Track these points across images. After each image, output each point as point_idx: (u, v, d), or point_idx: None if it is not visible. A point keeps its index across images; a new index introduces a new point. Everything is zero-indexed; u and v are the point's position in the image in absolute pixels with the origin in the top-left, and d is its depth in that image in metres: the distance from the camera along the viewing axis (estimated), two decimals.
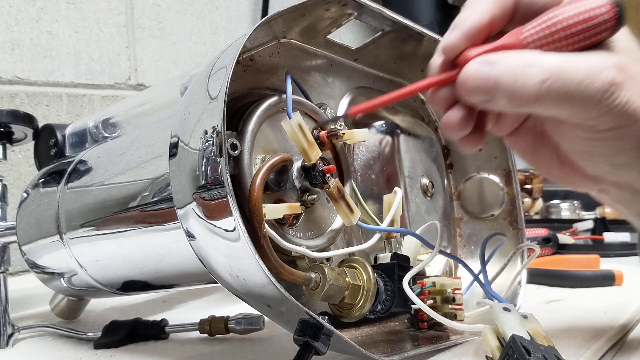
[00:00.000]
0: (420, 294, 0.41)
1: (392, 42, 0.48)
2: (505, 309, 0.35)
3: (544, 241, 0.79)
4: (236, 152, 0.33)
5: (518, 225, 0.53)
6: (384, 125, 0.49)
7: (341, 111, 0.46)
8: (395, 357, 0.35)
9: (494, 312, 0.35)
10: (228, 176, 0.30)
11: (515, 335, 0.31)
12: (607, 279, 0.61)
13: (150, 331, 0.48)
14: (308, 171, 0.36)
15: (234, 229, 0.30)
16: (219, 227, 0.31)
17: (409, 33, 0.47)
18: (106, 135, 0.56)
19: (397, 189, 0.43)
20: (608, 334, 0.42)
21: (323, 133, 0.39)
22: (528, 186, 1.12)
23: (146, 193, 0.39)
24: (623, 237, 0.86)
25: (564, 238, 0.84)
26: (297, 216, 0.36)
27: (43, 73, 0.95)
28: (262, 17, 0.55)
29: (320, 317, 0.31)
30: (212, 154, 0.31)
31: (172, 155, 0.34)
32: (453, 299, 0.42)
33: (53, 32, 0.96)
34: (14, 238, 0.52)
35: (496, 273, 0.46)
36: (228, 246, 0.31)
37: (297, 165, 0.36)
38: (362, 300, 0.37)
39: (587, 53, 0.31)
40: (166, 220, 0.38)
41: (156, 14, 1.09)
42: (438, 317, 0.38)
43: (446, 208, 0.55)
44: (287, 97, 0.37)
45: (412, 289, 0.39)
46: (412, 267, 0.40)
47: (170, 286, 0.46)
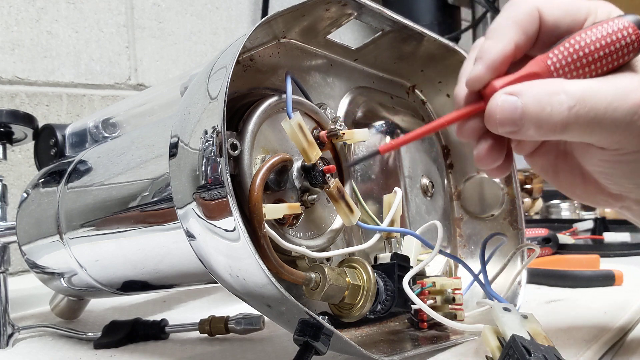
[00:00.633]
0: (420, 294, 0.41)
1: (392, 42, 0.48)
2: (505, 309, 0.35)
3: (544, 241, 0.79)
4: (236, 152, 0.33)
5: (518, 225, 0.53)
6: (384, 125, 0.49)
7: (341, 111, 0.46)
8: (395, 357, 0.35)
9: (494, 312, 0.35)
10: (228, 176, 0.30)
11: (515, 335, 0.31)
12: (607, 279, 0.61)
13: (150, 331, 0.48)
14: (308, 171, 0.36)
15: (234, 229, 0.30)
16: (219, 227, 0.31)
17: (409, 33, 0.47)
18: (106, 135, 0.56)
19: (397, 189, 0.43)
20: (608, 334, 0.41)
21: (323, 133, 0.39)
22: (528, 186, 1.12)
23: (146, 193, 0.39)
24: (623, 237, 0.86)
25: (564, 238, 0.84)
26: (297, 216, 0.36)
27: (43, 73, 0.95)
28: (262, 17, 0.55)
29: (320, 317, 0.31)
30: (212, 154, 0.31)
31: (172, 155, 0.34)
32: (453, 299, 0.42)
33: (53, 32, 0.96)
34: (14, 238, 0.52)
35: (496, 273, 0.46)
36: (228, 246, 0.31)
37: (297, 165, 0.36)
38: (362, 300, 0.37)
39: (613, 76, 0.30)
40: (166, 220, 0.38)
41: (156, 14, 1.09)
42: (438, 317, 0.38)
43: (446, 208, 0.55)
44: (287, 97, 0.37)
45: (412, 289, 0.39)
46: (412, 267, 0.40)
47: (170, 286, 0.46)
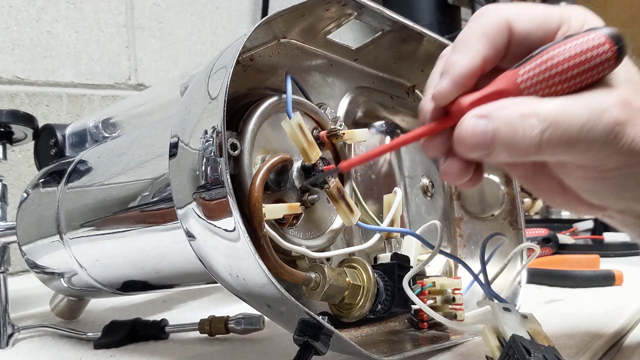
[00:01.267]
0: (420, 294, 0.41)
1: (392, 42, 0.48)
2: (505, 309, 0.35)
3: (544, 241, 0.79)
4: (236, 152, 0.33)
5: (518, 225, 0.53)
6: (384, 125, 0.49)
7: (341, 111, 0.46)
8: (395, 357, 0.35)
9: (494, 312, 0.35)
10: (228, 176, 0.30)
11: (515, 335, 0.31)
12: (607, 279, 0.61)
13: (150, 331, 0.48)
14: (308, 171, 0.36)
15: (234, 229, 0.30)
16: (219, 227, 0.31)
17: (409, 33, 0.47)
18: (106, 135, 0.56)
19: (397, 189, 0.43)
20: (608, 334, 0.42)
21: (323, 133, 0.39)
22: None
23: (146, 193, 0.39)
24: (623, 237, 0.86)
25: (564, 238, 0.84)
26: (297, 216, 0.36)
27: (43, 73, 0.95)
28: (262, 17, 0.55)
29: (320, 317, 0.31)
30: (212, 154, 0.31)
31: (172, 155, 0.34)
32: (453, 299, 0.42)
33: (53, 32, 0.96)
34: (14, 238, 0.52)
35: (496, 273, 0.46)
36: (228, 246, 0.31)
37: (297, 165, 0.36)
38: (362, 300, 0.37)
39: (587, 93, 0.29)
40: (166, 220, 0.38)
41: (156, 14, 1.09)
42: (438, 317, 0.38)
43: (446, 208, 0.55)
44: (287, 97, 0.37)
45: (412, 289, 0.39)
46: (412, 267, 0.40)
47: (170, 286, 0.46)
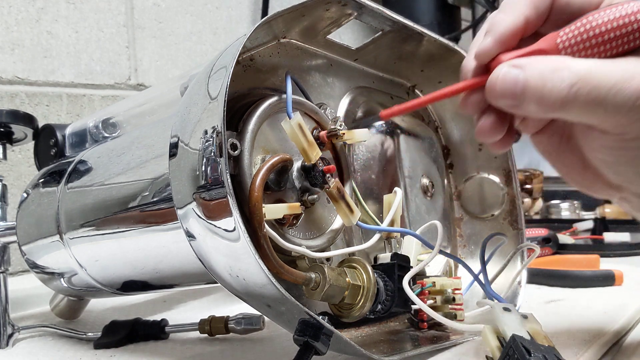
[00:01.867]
0: (420, 294, 0.41)
1: (392, 42, 0.48)
2: (505, 309, 0.35)
3: (544, 241, 0.79)
4: (236, 152, 0.33)
5: (518, 225, 0.53)
6: (384, 125, 0.49)
7: (341, 111, 0.46)
8: (395, 357, 0.35)
9: (494, 312, 0.35)
10: (228, 176, 0.30)
11: (515, 335, 0.31)
12: (607, 279, 0.61)
13: (150, 331, 0.48)
14: (308, 171, 0.36)
15: (234, 229, 0.30)
16: (219, 227, 0.31)
17: (409, 33, 0.47)
18: (106, 135, 0.56)
19: (397, 189, 0.43)
20: (608, 334, 0.41)
21: (323, 133, 0.39)
22: (528, 186, 1.12)
23: (146, 193, 0.39)
24: (623, 237, 0.86)
25: (564, 238, 0.84)
26: (297, 216, 0.36)
27: (43, 73, 0.95)
28: (262, 17, 0.55)
29: (320, 317, 0.31)
30: (212, 154, 0.31)
31: (172, 155, 0.34)
32: (453, 299, 0.42)
33: (53, 32, 0.96)
34: (14, 238, 0.52)
35: (496, 273, 0.46)
36: (228, 246, 0.31)
37: (297, 165, 0.36)
38: (362, 300, 0.37)
39: (623, 59, 0.30)
40: (166, 220, 0.38)
41: (156, 14, 1.09)
42: (438, 317, 0.38)
43: (446, 208, 0.55)
44: (287, 97, 0.37)
45: (412, 289, 0.39)
46: (412, 267, 0.40)
47: (170, 286, 0.46)
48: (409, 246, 0.44)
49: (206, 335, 0.47)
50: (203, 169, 0.31)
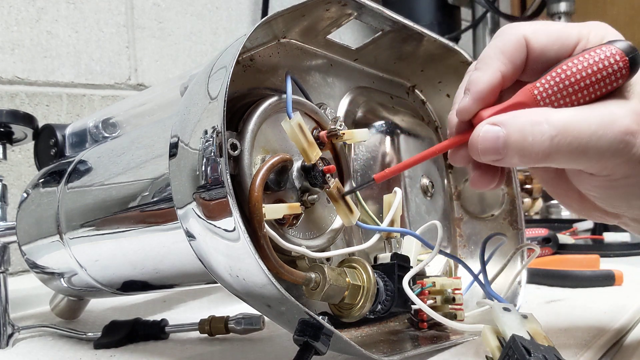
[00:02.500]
0: (420, 294, 0.41)
1: (392, 42, 0.48)
2: (505, 309, 0.35)
3: (544, 241, 0.79)
4: (236, 152, 0.33)
5: (518, 225, 0.53)
6: (384, 125, 0.49)
7: (341, 111, 0.46)
8: (395, 357, 0.35)
9: (494, 312, 0.35)
10: (228, 176, 0.30)
11: (515, 335, 0.31)
12: (607, 279, 0.61)
13: (150, 331, 0.48)
14: (308, 171, 0.36)
15: (234, 229, 0.30)
16: (219, 227, 0.31)
17: (409, 33, 0.47)
18: (106, 135, 0.56)
19: (397, 189, 0.43)
20: (608, 334, 0.42)
21: (323, 133, 0.39)
22: (528, 186, 1.12)
23: (146, 193, 0.39)
24: (623, 237, 0.86)
25: (564, 238, 0.84)
26: (297, 216, 0.36)
27: (43, 73, 0.95)
28: (262, 17, 0.55)
29: (320, 317, 0.31)
30: (212, 154, 0.31)
31: (172, 155, 0.34)
32: (453, 299, 0.42)
33: (53, 32, 0.96)
34: (14, 238, 0.52)
35: (496, 273, 0.46)
36: (228, 246, 0.31)
37: (297, 165, 0.36)
38: (362, 300, 0.37)
39: (600, 104, 0.30)
40: (166, 220, 0.38)
41: (156, 14, 1.09)
42: (438, 317, 0.38)
43: (446, 208, 0.55)
44: (287, 97, 0.37)
45: (412, 289, 0.39)
46: (412, 267, 0.40)
47: (170, 286, 0.46)
48: (409, 246, 0.44)
49: (206, 335, 0.47)
50: (203, 169, 0.31)
